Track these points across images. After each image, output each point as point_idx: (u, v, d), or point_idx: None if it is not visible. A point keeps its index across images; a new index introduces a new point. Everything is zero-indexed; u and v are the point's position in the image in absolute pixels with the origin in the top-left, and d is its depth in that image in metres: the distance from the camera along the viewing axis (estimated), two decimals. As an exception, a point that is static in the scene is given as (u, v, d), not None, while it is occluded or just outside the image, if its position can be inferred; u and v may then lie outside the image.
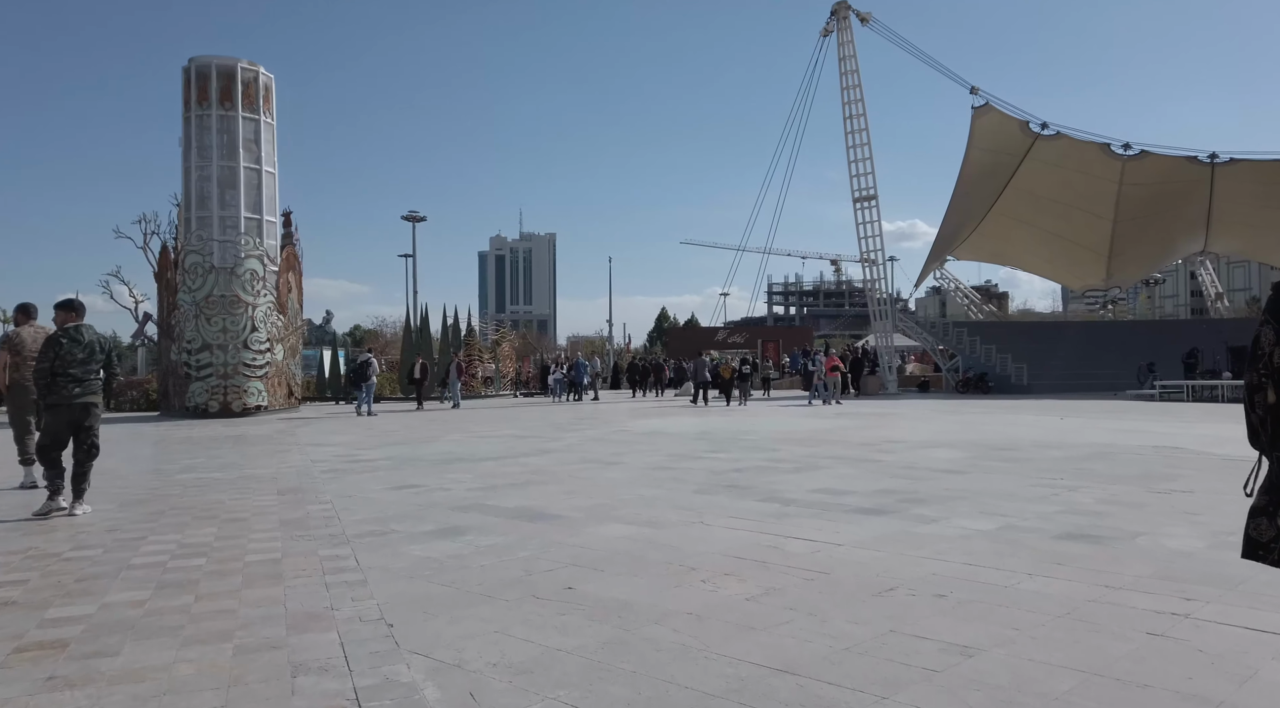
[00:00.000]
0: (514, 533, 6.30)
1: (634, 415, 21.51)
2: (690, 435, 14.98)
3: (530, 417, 21.49)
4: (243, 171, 24.55)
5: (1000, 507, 7.29)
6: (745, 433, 15.37)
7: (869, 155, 36.97)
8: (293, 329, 25.28)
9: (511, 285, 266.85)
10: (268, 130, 25.39)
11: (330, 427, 18.62)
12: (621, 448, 12.79)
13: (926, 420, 18.32)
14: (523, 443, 13.84)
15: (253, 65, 25.03)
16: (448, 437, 15.33)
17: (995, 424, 17.00)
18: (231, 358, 22.65)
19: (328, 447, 13.65)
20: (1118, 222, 40.04)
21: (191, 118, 24.50)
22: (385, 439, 14.97)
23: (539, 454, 11.98)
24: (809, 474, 9.52)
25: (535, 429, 16.90)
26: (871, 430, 15.68)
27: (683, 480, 9.10)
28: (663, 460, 11.02)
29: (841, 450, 12.11)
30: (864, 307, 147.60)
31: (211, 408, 22.39)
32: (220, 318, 22.66)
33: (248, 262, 23.14)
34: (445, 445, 13.60)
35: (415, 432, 16.75)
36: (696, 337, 55.19)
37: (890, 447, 12.58)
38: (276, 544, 5.94)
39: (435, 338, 35.93)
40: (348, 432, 17.02)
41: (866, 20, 37.05)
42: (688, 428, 16.84)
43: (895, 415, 20.36)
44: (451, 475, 9.70)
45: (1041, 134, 37.36)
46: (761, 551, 5.63)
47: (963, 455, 11.34)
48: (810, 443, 13.25)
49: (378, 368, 25.23)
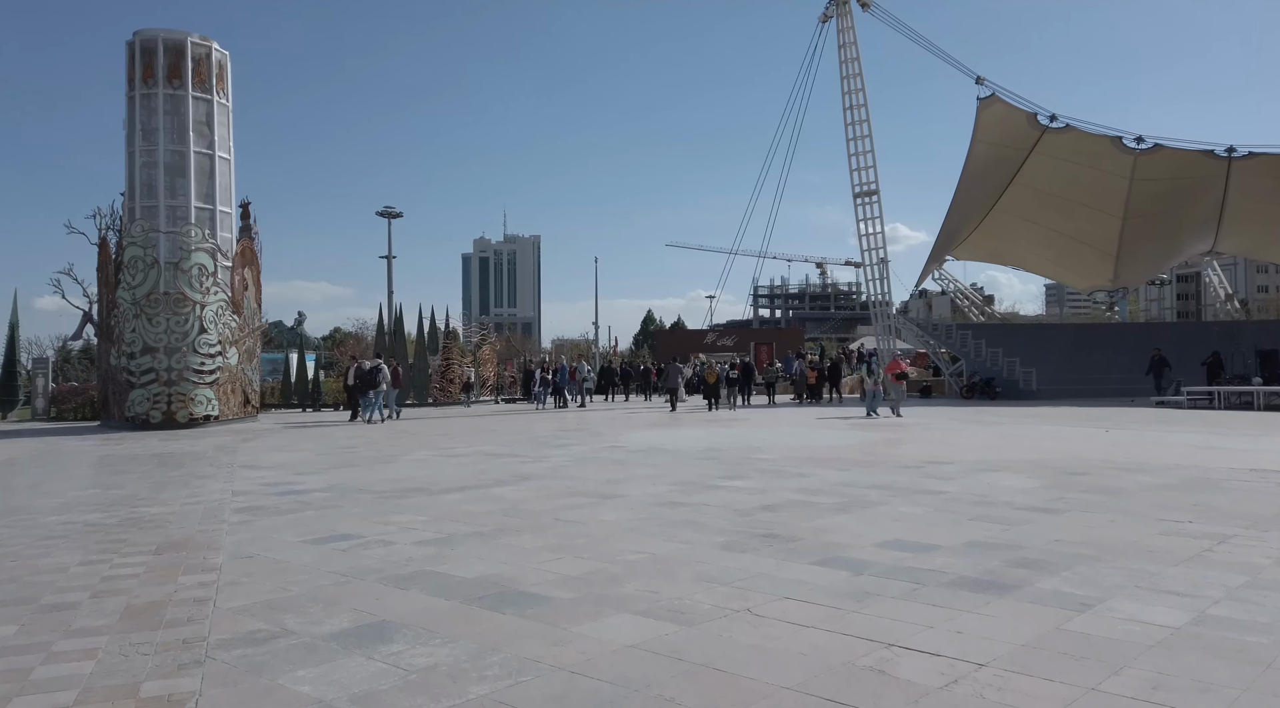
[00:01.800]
0: (468, 638, 4.12)
1: (626, 426, 19.35)
2: (695, 454, 12.84)
3: (511, 428, 19.29)
4: (193, 157, 22.24)
5: (1158, 575, 5.19)
6: (757, 450, 13.25)
7: (870, 148, 35.07)
8: (249, 330, 22.95)
9: (496, 288, 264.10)
10: (222, 112, 23.07)
11: (280, 441, 16.35)
12: (616, 473, 10.63)
13: (958, 433, 16.27)
14: (498, 464, 11.65)
15: (205, 40, 22.71)
16: (411, 455, 13.12)
17: (1037, 437, 14.97)
18: (176, 362, 20.28)
19: (263, 470, 11.40)
20: (1127, 219, 38.24)
21: (136, 97, 22.15)
22: (335, 459, 12.73)
23: (516, 482, 9.80)
24: (863, 515, 7.40)
25: (515, 445, 14.71)
26: (904, 446, 13.59)
27: (703, 526, 6.95)
28: (670, 491, 8.87)
29: (884, 475, 10.00)
30: (850, 310, 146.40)
31: (153, 418, 20.03)
32: (164, 318, 20.29)
33: (196, 256, 20.78)
34: (404, 467, 11.39)
35: (376, 448, 14.52)
36: (684, 340, 52.99)
37: (939, 469, 10.49)
38: (84, 669, 3.74)
39: (413, 340, 33.63)
40: (296, 447, 14.76)
41: (867, 5, 35.12)
42: (690, 443, 14.71)
43: (918, 426, 18.30)
44: (399, 517, 7.51)
45: (1050, 127, 35.53)
46: (863, 681, 3.49)
47: (1036, 484, 9.26)
48: (840, 464, 11.14)
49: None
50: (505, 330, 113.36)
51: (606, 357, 56.69)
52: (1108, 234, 39.36)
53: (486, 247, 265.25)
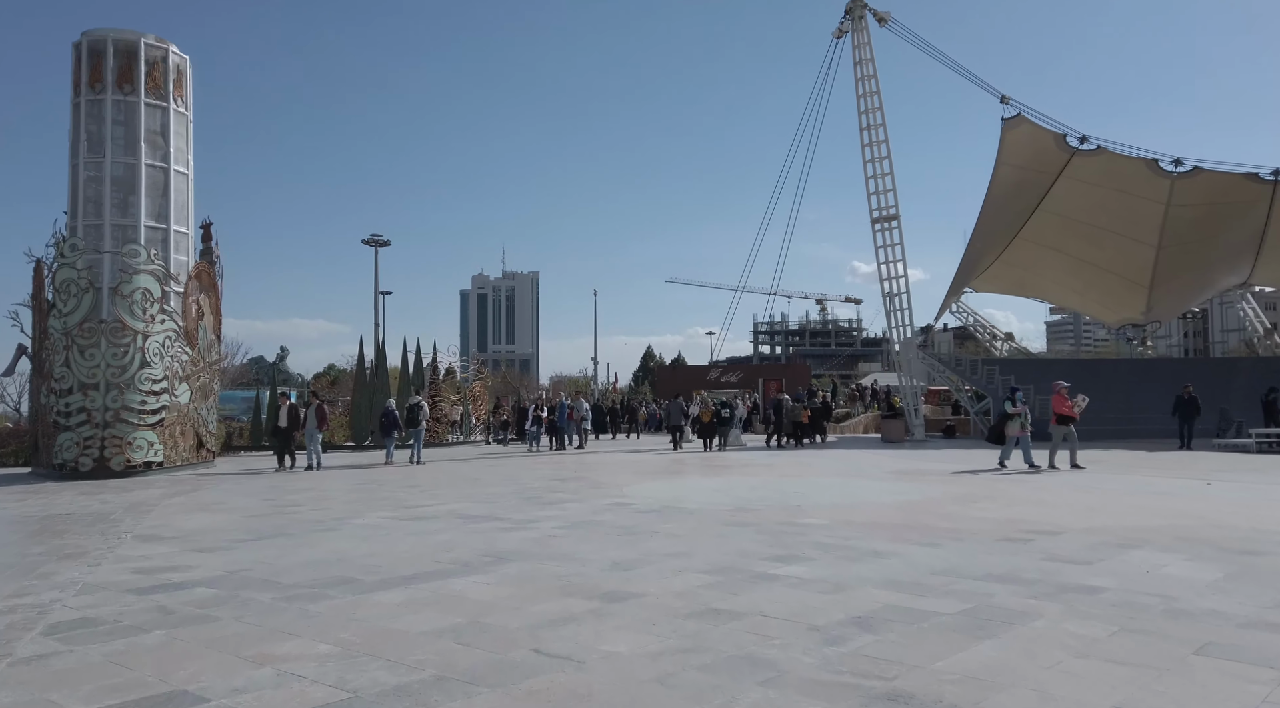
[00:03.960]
0: None
1: (629, 473, 16.62)
2: (721, 515, 10.14)
3: (497, 476, 16.57)
4: (144, 170, 19.82)
5: None
6: (798, 510, 10.55)
7: (890, 170, 32.74)
8: (205, 364, 20.31)
9: (494, 325, 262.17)
10: (179, 121, 20.70)
11: (214, 496, 13.62)
12: (625, 549, 7.92)
13: (1030, 485, 13.57)
14: (470, 533, 8.96)
15: (161, 42, 20.42)
16: (363, 517, 10.41)
17: (1132, 492, 12.28)
18: (112, 401, 17.59)
19: (160, 543, 8.69)
20: (1162, 248, 35.82)
21: (82, 104, 19.79)
22: (264, 524, 10.01)
23: (488, 566, 7.11)
24: (1015, 641, 4.72)
25: (498, 501, 12.01)
26: (978, 505, 10.88)
27: (773, 668, 4.27)
28: (704, 587, 6.18)
29: (990, 555, 7.31)
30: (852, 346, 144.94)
31: (83, 466, 17.29)
32: (99, 350, 17.65)
33: (138, 279, 18.18)
34: (344, 539, 8.68)
35: (324, 506, 11.79)
36: (686, 376, 50.18)
37: (1056, 544, 7.81)
38: None
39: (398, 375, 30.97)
40: (228, 504, 12.03)
41: (885, 20, 33.07)
42: (709, 498, 12.00)
43: (963, 475, 15.60)
44: (289, 645, 4.82)
45: (1080, 148, 33.26)
46: None
47: (1216, 573, 6.57)
48: (918, 534, 8.44)
49: (427, 412, 21.79)
50: (502, 367, 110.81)
51: (607, 393, 54.04)
52: (1140, 264, 36.94)
53: (485, 283, 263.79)
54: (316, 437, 19.28)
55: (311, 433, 19.20)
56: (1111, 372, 37.18)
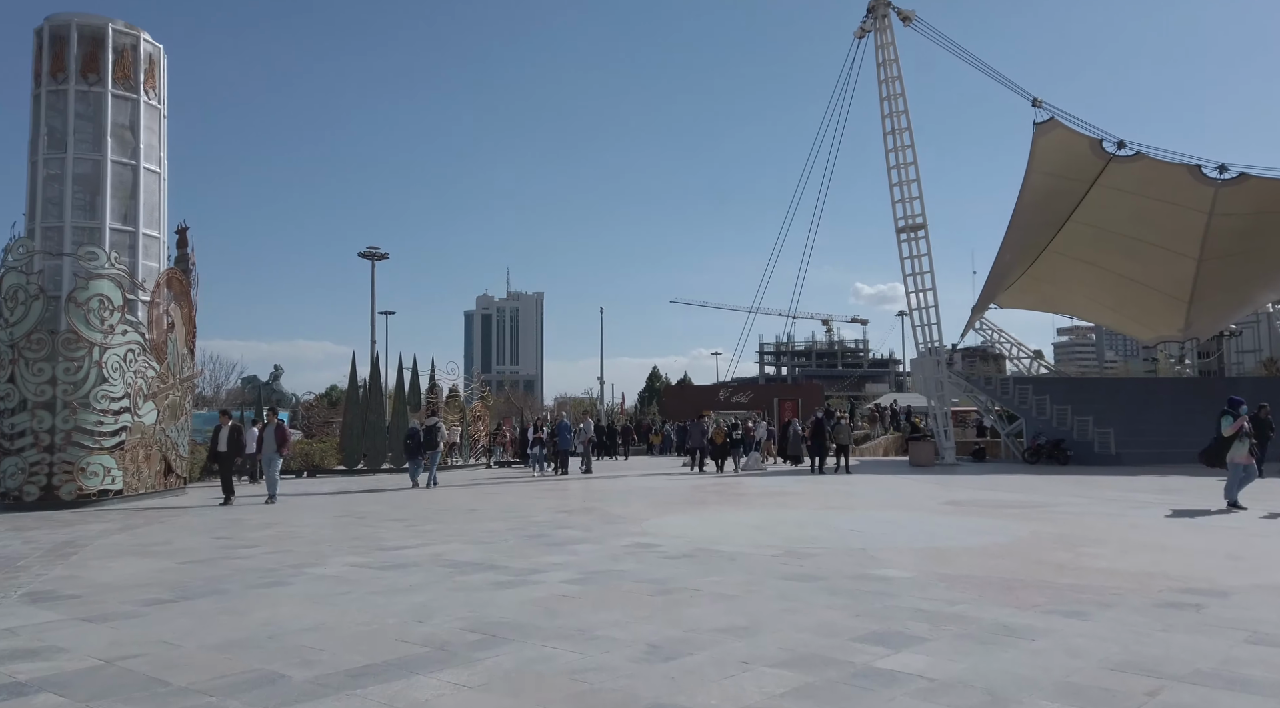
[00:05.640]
0: None
1: (647, 504, 14.56)
2: (773, 563, 8.09)
3: (496, 506, 14.52)
4: (111, 167, 17.98)
5: None
6: (865, 554, 8.50)
7: (916, 176, 30.92)
8: (175, 381, 18.36)
9: (498, 345, 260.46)
10: (151, 115, 18.89)
11: (159, 533, 11.58)
12: (660, 624, 5.89)
13: (1132, 526, 11.50)
14: (453, 589, 6.93)
15: (131, 29, 18.66)
16: (323, 565, 8.38)
17: (1268, 531, 10.22)
18: (64, 422, 15.60)
19: (50, 605, 6.67)
20: (1204, 261, 33.75)
21: (42, 95, 17.99)
22: (195, 577, 7.99)
23: (470, 654, 5.08)
24: None
25: (495, 540, 9.97)
26: (1091, 549, 8.81)
27: None
28: (792, 701, 4.14)
29: (1172, 636, 5.27)
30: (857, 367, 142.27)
31: (28, 495, 15.25)
32: (48, 364, 15.68)
33: (96, 284, 16.24)
34: (289, 599, 6.66)
35: (281, 550, 9.77)
36: (695, 396, 48.01)
37: (1231, 609, 5.77)
38: None
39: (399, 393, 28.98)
40: (166, 547, 10.01)
41: (909, 20, 31.32)
42: (751, 538, 9.94)
43: (1035, 507, 13.50)
44: None
45: (1117, 154, 31.29)
46: None
47: None
48: (1050, 596, 6.40)
49: (445, 433, 20.49)
50: (506, 388, 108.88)
51: (614, 414, 52.03)
52: (1179, 277, 34.84)
53: (489, 304, 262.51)
54: (275, 462, 16.37)
55: (270, 458, 16.38)
56: (1156, 392, 35.07)
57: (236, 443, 16.48)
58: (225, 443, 16.26)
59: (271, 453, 16.31)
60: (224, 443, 16.28)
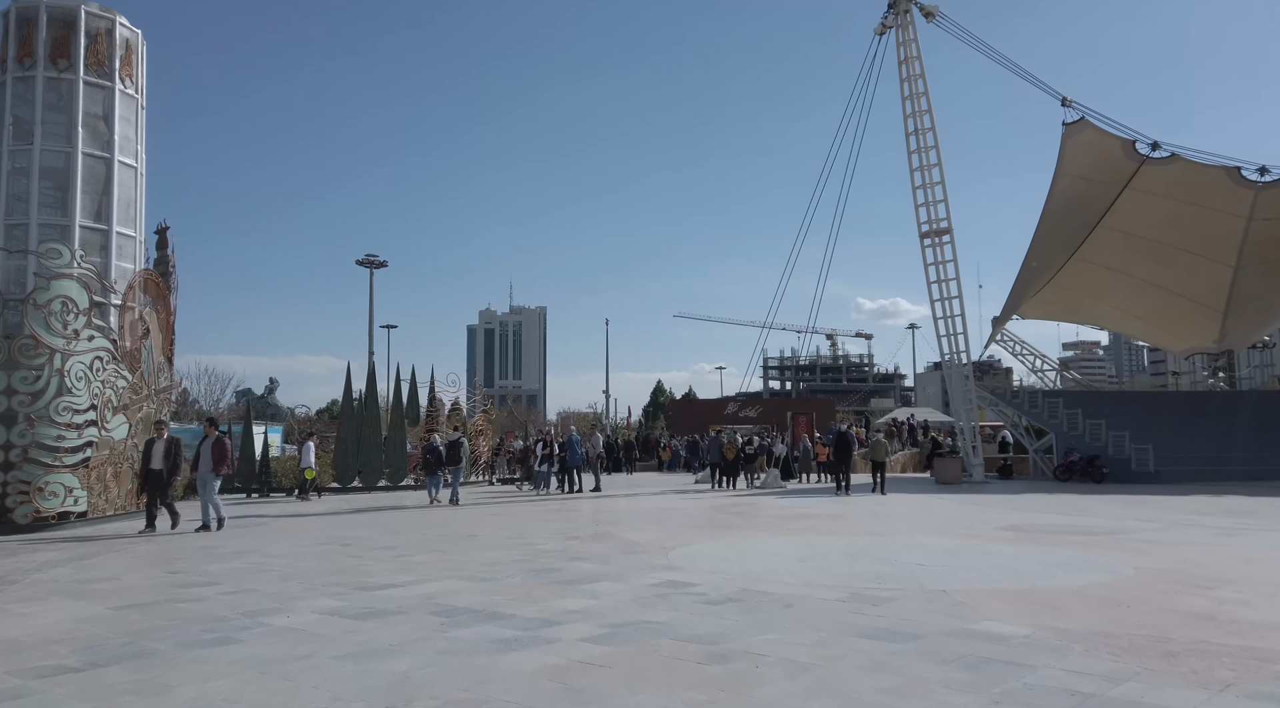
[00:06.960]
0: None
1: (667, 527, 12.97)
2: (841, 611, 6.53)
3: (499, 532, 12.93)
4: (82, 160, 16.61)
5: None
6: (952, 600, 6.94)
7: (940, 178, 29.41)
8: (149, 393, 16.85)
9: (501, 360, 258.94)
10: (128, 105, 17.52)
11: (118, 564, 10.00)
12: None
13: (1247, 561, 9.91)
14: (444, 650, 5.37)
15: (106, 12, 17.29)
16: (294, 607, 6.83)
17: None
18: (19, 436, 14.05)
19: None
20: (1241, 268, 32.19)
21: (8, 82, 16.64)
22: (138, 623, 6.42)
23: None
24: None
25: (496, 576, 8.41)
26: (1224, 593, 7.24)
27: None
28: None
29: None
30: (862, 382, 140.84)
31: (-22, 517, 13.75)
32: (3, 373, 14.14)
33: (58, 285, 14.73)
34: (232, 665, 5.10)
35: (252, 580, 8.20)
36: (702, 410, 46.36)
37: None
38: None
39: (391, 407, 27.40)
40: (120, 580, 8.44)
41: (931, 16, 29.95)
42: (801, 575, 8.37)
43: (1106, 533, 11.90)
44: None
45: (1150, 157, 29.83)
46: None
47: None
48: (1233, 667, 4.85)
49: (468, 449, 20.18)
50: (509, 402, 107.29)
51: (620, 428, 50.43)
52: (1215, 285, 33.28)
53: (492, 318, 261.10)
54: (211, 483, 13.64)
55: (204, 478, 13.66)
56: (1192, 406, 33.44)
57: (173, 460, 13.76)
58: (157, 460, 13.66)
59: (206, 473, 13.63)
60: (155, 460, 13.66)
